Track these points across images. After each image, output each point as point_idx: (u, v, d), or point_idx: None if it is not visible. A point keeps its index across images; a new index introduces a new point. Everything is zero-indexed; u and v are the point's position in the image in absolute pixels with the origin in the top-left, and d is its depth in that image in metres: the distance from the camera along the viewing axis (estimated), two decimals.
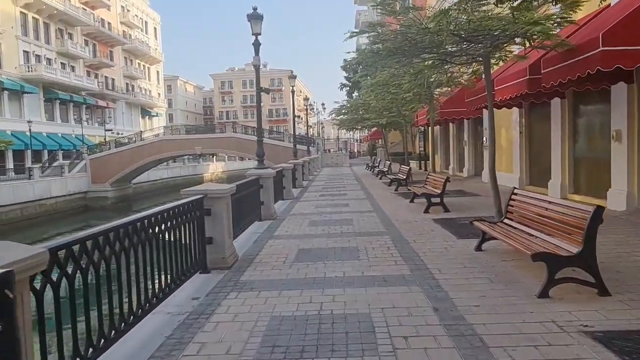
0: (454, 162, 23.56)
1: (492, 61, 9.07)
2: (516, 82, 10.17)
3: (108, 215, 36.09)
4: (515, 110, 14.69)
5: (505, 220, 6.47)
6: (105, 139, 49.11)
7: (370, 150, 64.78)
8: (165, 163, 57.25)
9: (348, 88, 46.47)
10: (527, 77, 9.65)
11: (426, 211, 10.46)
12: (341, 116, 29.60)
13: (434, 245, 7.09)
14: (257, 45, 10.22)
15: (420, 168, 27.95)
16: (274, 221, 10.25)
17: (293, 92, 19.23)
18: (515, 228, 6.13)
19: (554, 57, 8.77)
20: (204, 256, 5.99)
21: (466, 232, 7.93)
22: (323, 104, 52.03)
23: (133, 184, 47.85)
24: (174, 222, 5.06)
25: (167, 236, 4.78)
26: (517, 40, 8.19)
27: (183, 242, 5.27)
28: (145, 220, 4.32)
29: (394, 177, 17.00)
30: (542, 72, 9.00)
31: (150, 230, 4.37)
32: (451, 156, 23.89)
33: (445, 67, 9.65)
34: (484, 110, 17.85)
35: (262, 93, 10.46)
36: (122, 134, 54.63)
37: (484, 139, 18.07)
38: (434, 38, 7.49)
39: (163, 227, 4.71)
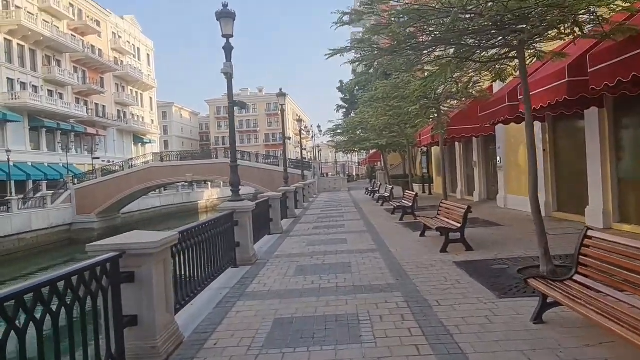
0: (462, 184, 21.49)
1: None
2: (551, 86, 8.18)
3: None
4: (537, 124, 12.68)
5: (577, 277, 4.35)
6: (92, 167, 47.06)
7: (369, 173, 62.88)
8: (157, 191, 55.20)
9: (345, 110, 44.77)
10: (567, 79, 7.67)
11: (443, 250, 8.33)
12: (337, 137, 27.64)
13: (467, 311, 4.95)
14: (228, 49, 8.29)
15: (424, 192, 25.89)
16: (252, 267, 8.11)
17: (283, 110, 17.31)
18: (596, 291, 4.03)
19: (604, 51, 6.81)
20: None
21: (507, 286, 5.81)
22: (319, 126, 49.94)
23: (122, 213, 45.65)
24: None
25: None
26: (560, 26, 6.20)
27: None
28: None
29: (398, 204, 14.90)
30: (590, 70, 7.01)
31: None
32: (458, 179, 21.83)
33: (464, 67, 7.63)
34: (497, 126, 15.95)
35: (242, 108, 8.45)
36: (113, 161, 52.68)
37: (498, 158, 16.07)
38: (450, 22, 5.50)
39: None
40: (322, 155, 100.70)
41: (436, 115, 12.36)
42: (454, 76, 10.39)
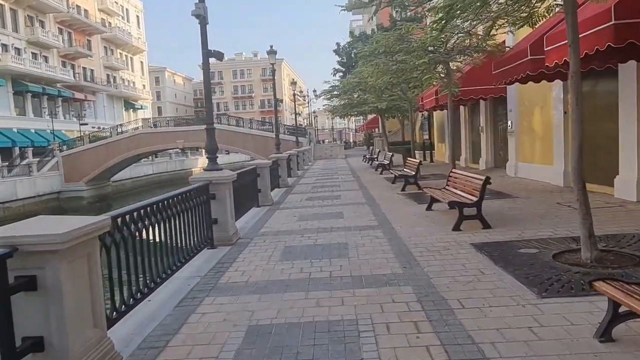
0: (467, 151, 20.19)
1: None
2: (589, 33, 6.76)
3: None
4: (557, 84, 11.32)
5: None
6: (80, 133, 45.43)
7: (367, 140, 61.39)
8: (149, 158, 53.73)
9: (341, 73, 42.94)
10: (613, 22, 6.27)
11: (457, 228, 7.11)
12: (333, 100, 26.09)
13: (502, 319, 3.75)
14: None
15: (425, 159, 24.58)
16: (232, 248, 6.89)
17: (274, 70, 15.81)
18: None
19: None
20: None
21: (546, 279, 4.59)
22: (315, 91, 48.22)
23: (112, 181, 44.31)
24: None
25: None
26: None
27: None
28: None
29: (399, 173, 13.62)
30: None
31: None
32: (463, 145, 20.50)
33: (486, 8, 6.21)
34: (509, 88, 14.52)
35: (217, 59, 7.06)
36: (102, 128, 50.95)
37: (509, 123, 14.72)
38: None
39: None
40: (319, 122, 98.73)
41: (445, 73, 10.91)
42: (468, 23, 8.99)
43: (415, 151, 23.42)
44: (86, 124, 49.08)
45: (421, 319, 3.82)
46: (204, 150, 64.31)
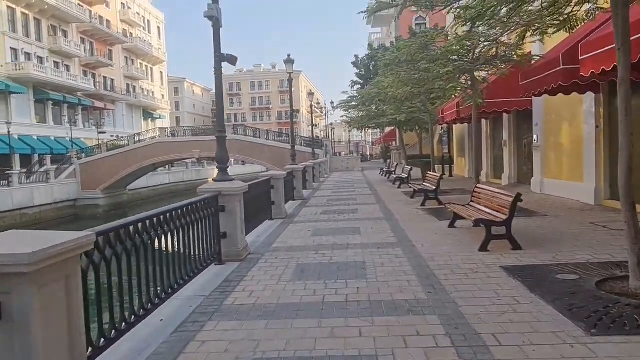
0: (488, 166, 19.54)
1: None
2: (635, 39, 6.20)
3: (99, 224, 32.74)
4: (588, 96, 10.72)
5: None
6: (98, 142, 45.76)
7: (384, 153, 60.84)
8: (166, 167, 53.95)
9: (359, 86, 42.59)
10: None
11: (484, 248, 6.55)
12: (350, 111, 25.64)
13: (547, 359, 3.21)
14: None
15: (444, 173, 23.92)
16: (241, 265, 6.44)
17: (290, 80, 15.47)
18: None
19: None
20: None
21: (593, 311, 4.02)
22: (332, 102, 47.86)
23: (129, 190, 44.45)
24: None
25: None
26: None
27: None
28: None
29: (418, 187, 13.07)
30: None
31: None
32: (484, 159, 19.85)
33: (520, 12, 5.73)
34: (535, 100, 13.93)
35: (230, 64, 6.68)
36: (121, 137, 51.32)
37: (535, 137, 14.09)
38: None
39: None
40: (335, 134, 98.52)
41: (470, 83, 10.38)
42: (496, 31, 8.50)
43: (435, 165, 22.84)
44: (104, 132, 49.48)
45: (452, 358, 3.29)
46: None
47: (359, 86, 43.09)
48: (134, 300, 4.13)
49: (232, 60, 6.82)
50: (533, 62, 10.62)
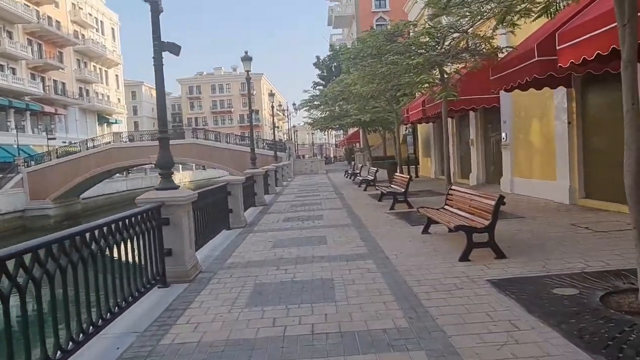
0: (455, 166, 19.12)
1: None
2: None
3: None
4: (560, 91, 10.29)
5: None
6: (48, 148, 43.26)
7: (348, 155, 60.53)
8: (123, 174, 51.73)
9: (322, 87, 41.93)
10: None
11: (464, 258, 5.86)
12: (312, 111, 24.89)
13: None
14: None
15: (409, 174, 23.46)
16: (189, 287, 5.50)
17: (249, 78, 14.53)
18: None
19: None
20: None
21: (606, 337, 3.33)
22: (294, 104, 46.94)
23: (82, 199, 42.18)
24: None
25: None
26: None
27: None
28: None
29: (387, 190, 12.38)
30: None
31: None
32: (451, 159, 19.40)
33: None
34: (503, 97, 13.54)
35: (173, 54, 5.73)
36: (74, 143, 48.81)
37: (503, 135, 13.69)
38: None
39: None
40: (299, 137, 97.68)
41: (438, 78, 9.74)
42: (467, 20, 7.88)
43: (400, 166, 22.36)
44: (54, 138, 46.88)
45: None
46: (180, 166, 62.55)
47: (321, 87, 42.45)
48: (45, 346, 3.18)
49: (174, 49, 5.88)
50: (502, 55, 10.13)
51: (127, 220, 4.74)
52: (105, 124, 65.88)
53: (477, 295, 4.55)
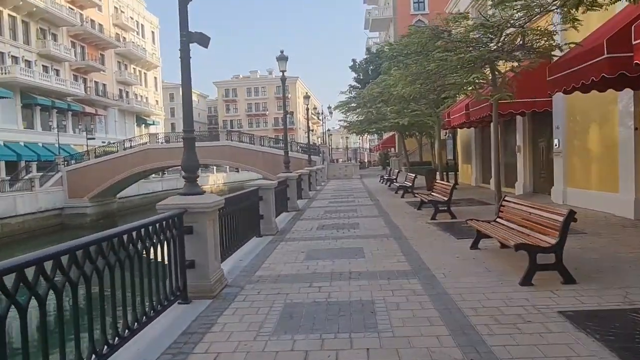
0: (499, 174, 18.02)
1: None
2: None
3: (85, 235, 31.18)
4: (626, 93, 9.28)
5: None
6: (87, 148, 44.18)
7: (383, 160, 59.57)
8: (159, 174, 52.44)
9: (359, 89, 41.19)
10: None
11: (527, 282, 5.07)
12: (349, 114, 24.15)
13: None
14: None
15: (448, 181, 22.45)
16: (212, 305, 4.92)
17: (284, 79, 14.00)
18: None
19: None
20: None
21: None
22: (330, 107, 46.36)
23: (119, 198, 42.87)
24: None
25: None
26: None
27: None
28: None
29: (428, 198, 11.55)
30: None
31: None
32: (493, 167, 18.37)
33: None
34: (556, 100, 12.54)
35: (202, 45, 5.20)
36: (112, 143, 49.78)
37: (556, 141, 12.66)
38: None
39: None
40: (333, 141, 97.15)
41: (489, 78, 8.89)
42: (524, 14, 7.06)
43: (441, 172, 21.42)
44: (94, 138, 47.87)
45: None
46: (214, 168, 62.94)
47: (358, 89, 41.76)
48: None
49: (204, 40, 5.35)
50: (560, 53, 9.20)
51: (144, 229, 4.21)
52: (143, 125, 67.16)
53: (550, 332, 3.77)
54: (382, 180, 27.39)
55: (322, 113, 60.95)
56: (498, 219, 7.03)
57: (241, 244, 7.82)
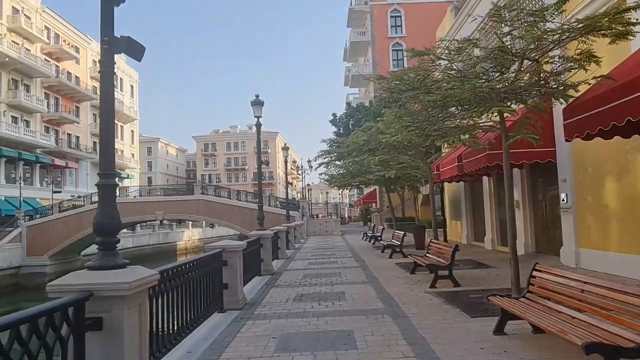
0: (493, 232, 16.63)
1: None
2: None
3: (44, 296, 28.27)
4: None
5: None
6: (52, 202, 41.72)
7: (364, 216, 58.09)
8: (131, 230, 49.74)
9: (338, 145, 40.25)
10: None
11: None
12: (330, 167, 22.77)
13: None
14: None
15: (436, 238, 20.89)
16: None
17: (259, 125, 12.51)
18: None
19: None
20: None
21: None
22: (309, 160, 45.19)
23: (84, 255, 39.97)
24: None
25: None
26: None
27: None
28: None
29: (427, 261, 9.85)
30: None
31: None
32: (487, 223, 16.99)
33: None
34: (560, 150, 11.33)
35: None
36: (80, 197, 47.29)
37: (563, 196, 11.32)
38: None
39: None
40: (312, 196, 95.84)
41: (495, 120, 7.53)
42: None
43: (428, 230, 19.90)
44: (59, 192, 45.47)
45: None
46: (190, 223, 60.39)
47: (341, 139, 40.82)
48: None
49: (134, 50, 3.83)
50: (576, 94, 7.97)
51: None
52: (117, 178, 64.78)
53: None
54: (365, 238, 25.69)
55: (302, 167, 59.86)
56: (528, 295, 5.42)
57: (196, 325, 5.99)
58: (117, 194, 26.34)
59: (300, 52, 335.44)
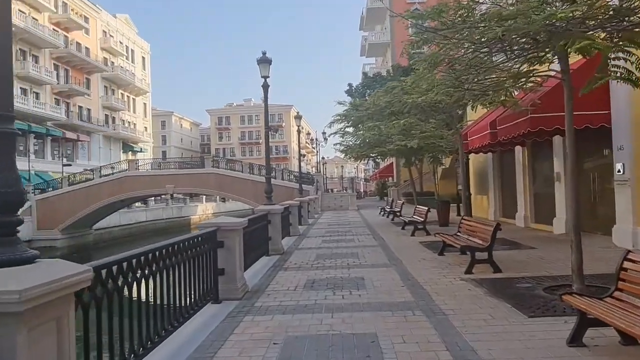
0: (526, 208, 15.07)
1: None
2: None
3: None
4: None
5: None
6: (62, 175, 41.08)
7: (380, 190, 56.70)
8: (146, 203, 49.15)
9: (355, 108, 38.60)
10: None
11: None
12: (345, 134, 21.22)
13: None
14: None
15: (458, 214, 19.45)
16: None
17: (267, 86, 11.05)
18: None
19: None
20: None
21: None
22: (324, 133, 43.60)
23: (95, 229, 39.42)
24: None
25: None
26: None
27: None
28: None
29: (463, 243, 8.43)
30: None
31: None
32: (519, 198, 15.44)
33: None
34: (616, 114, 9.70)
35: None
36: (91, 170, 46.64)
37: (619, 167, 9.73)
38: None
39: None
40: (327, 170, 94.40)
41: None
42: None
43: (452, 205, 18.46)
44: (70, 165, 44.85)
45: None
46: (204, 197, 59.72)
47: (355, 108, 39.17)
48: None
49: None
50: None
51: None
52: (130, 152, 64.18)
53: None
54: (383, 213, 24.33)
55: (317, 140, 58.32)
56: (617, 293, 4.01)
57: (178, 324, 4.72)
58: (127, 167, 24.98)
59: (316, 29, 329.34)
